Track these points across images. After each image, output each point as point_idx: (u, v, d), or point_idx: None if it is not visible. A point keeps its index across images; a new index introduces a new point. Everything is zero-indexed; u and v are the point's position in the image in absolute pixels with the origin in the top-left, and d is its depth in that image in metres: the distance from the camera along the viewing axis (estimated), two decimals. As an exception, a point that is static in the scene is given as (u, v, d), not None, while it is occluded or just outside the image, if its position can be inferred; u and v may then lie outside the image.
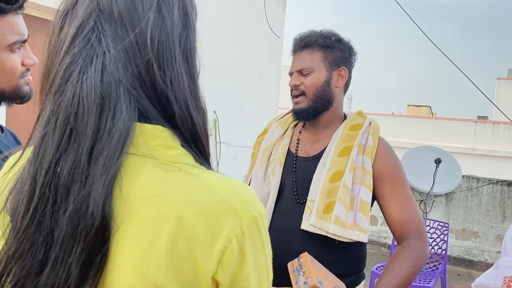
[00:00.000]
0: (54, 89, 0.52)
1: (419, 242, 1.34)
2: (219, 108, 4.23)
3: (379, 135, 1.42)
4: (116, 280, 0.49)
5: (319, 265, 1.25)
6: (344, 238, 1.30)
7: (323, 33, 1.42)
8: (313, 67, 1.39)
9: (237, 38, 4.43)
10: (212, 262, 0.50)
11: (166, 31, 0.55)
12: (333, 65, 1.40)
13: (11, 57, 0.90)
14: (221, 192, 0.52)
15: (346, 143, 1.39)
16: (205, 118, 0.59)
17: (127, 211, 0.50)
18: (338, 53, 1.41)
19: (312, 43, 1.41)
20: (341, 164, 1.36)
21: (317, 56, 1.40)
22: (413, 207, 1.37)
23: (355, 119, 1.45)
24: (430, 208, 4.94)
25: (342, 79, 1.42)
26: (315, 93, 1.39)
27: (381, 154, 1.38)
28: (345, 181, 1.33)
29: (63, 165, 0.49)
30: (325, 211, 1.32)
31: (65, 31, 0.54)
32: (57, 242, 0.49)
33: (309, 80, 1.39)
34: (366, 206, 1.33)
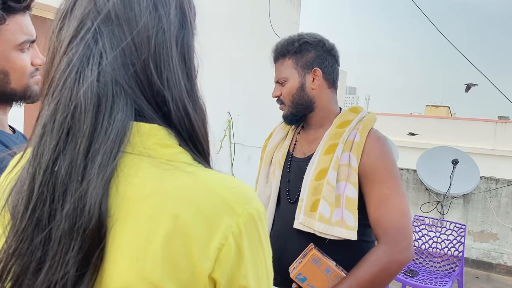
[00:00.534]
0: (53, 90, 0.53)
1: (385, 246, 1.27)
2: (233, 109, 4.25)
3: (369, 130, 1.39)
4: (113, 278, 0.50)
5: (318, 260, 1.26)
6: (330, 235, 1.30)
7: (290, 39, 1.44)
8: (285, 76, 1.42)
9: (251, 39, 4.44)
10: (208, 260, 0.50)
11: (163, 30, 0.55)
12: (305, 68, 1.42)
13: (21, 57, 0.92)
14: (217, 190, 0.52)
15: (331, 141, 1.40)
16: (203, 116, 0.60)
17: (123, 209, 0.50)
18: (309, 55, 1.42)
19: (283, 52, 1.44)
20: (325, 162, 1.37)
21: (288, 64, 1.43)
22: (389, 207, 1.29)
23: (345, 116, 1.44)
24: (447, 210, 4.87)
25: (317, 80, 1.42)
26: (291, 100, 1.43)
27: (367, 151, 1.35)
28: (328, 179, 1.33)
29: (61, 165, 0.50)
30: (311, 209, 1.34)
31: (64, 32, 0.55)
32: (55, 241, 0.49)
33: (285, 89, 1.43)
34: (353, 203, 1.31)
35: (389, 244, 1.27)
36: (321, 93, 1.44)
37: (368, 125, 1.39)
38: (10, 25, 0.89)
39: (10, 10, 0.88)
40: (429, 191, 4.94)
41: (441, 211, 4.79)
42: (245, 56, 4.39)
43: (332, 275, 1.27)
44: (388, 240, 1.27)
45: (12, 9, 0.89)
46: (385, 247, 1.27)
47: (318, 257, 1.27)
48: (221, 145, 4.10)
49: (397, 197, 1.30)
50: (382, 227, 1.29)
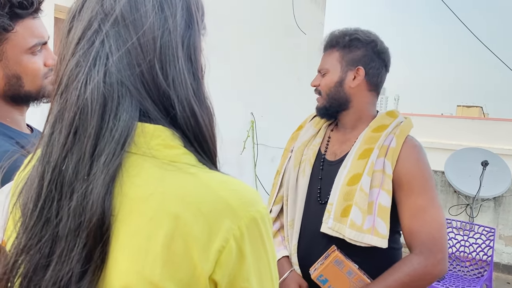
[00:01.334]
0: (61, 90, 0.54)
1: (420, 257, 1.24)
2: (256, 110, 4.25)
3: (406, 136, 1.35)
4: (114, 277, 0.50)
5: (341, 262, 1.25)
6: (360, 242, 1.27)
7: (341, 33, 1.41)
8: (328, 67, 1.40)
9: (275, 40, 4.44)
10: (209, 261, 0.50)
11: (169, 31, 0.56)
12: (350, 64, 1.39)
13: (33, 60, 0.95)
14: (219, 192, 0.52)
15: (367, 145, 1.36)
16: (210, 117, 0.60)
17: (126, 209, 0.51)
18: (356, 52, 1.39)
19: (333, 43, 1.42)
20: (359, 167, 1.33)
21: (334, 56, 1.40)
22: (426, 219, 1.26)
23: (382, 120, 1.41)
24: (477, 213, 4.73)
25: (358, 79, 1.38)
26: (327, 93, 1.40)
27: (403, 158, 1.31)
28: (362, 185, 1.30)
29: (68, 163, 0.51)
30: (342, 215, 1.31)
31: (72, 34, 0.56)
32: (62, 238, 0.51)
33: (324, 80, 1.41)
34: (385, 211, 1.28)
35: (425, 255, 1.23)
36: (359, 93, 1.40)
37: (405, 131, 1.36)
38: (19, 30, 0.92)
39: (18, 16, 0.91)
40: (457, 193, 4.81)
41: (470, 214, 4.65)
42: (268, 56, 4.38)
43: (354, 278, 1.25)
44: (423, 251, 1.24)
45: (19, 15, 0.91)
46: (420, 258, 1.23)
47: (340, 259, 1.25)
48: (244, 146, 4.11)
49: (434, 209, 1.27)
50: (418, 237, 1.26)
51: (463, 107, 21.56)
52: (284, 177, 1.56)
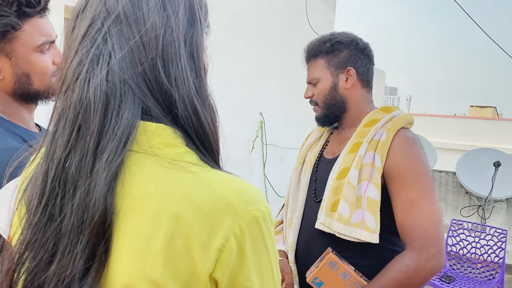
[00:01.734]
0: (65, 88, 0.55)
1: (413, 253, 1.21)
2: (265, 110, 4.25)
3: (398, 129, 1.32)
4: (116, 274, 0.51)
5: (335, 264, 1.24)
6: (349, 237, 1.26)
7: (321, 40, 1.43)
8: (317, 76, 1.41)
9: (284, 39, 4.43)
10: (209, 260, 0.50)
11: (171, 29, 0.56)
12: (338, 68, 1.40)
13: (41, 58, 0.96)
14: (220, 191, 0.52)
15: (356, 139, 1.36)
16: (213, 115, 0.60)
17: (128, 207, 0.52)
18: (341, 55, 1.40)
19: (315, 52, 1.43)
20: (348, 161, 1.34)
21: (320, 64, 1.41)
22: (419, 213, 1.22)
23: (374, 115, 1.40)
24: (489, 214, 4.67)
25: (351, 79, 1.39)
26: (324, 101, 1.41)
27: (393, 151, 1.29)
28: (349, 178, 1.29)
29: (72, 161, 0.52)
30: (331, 209, 1.31)
31: (76, 32, 0.57)
32: (65, 234, 0.51)
33: (317, 90, 1.42)
34: (374, 205, 1.26)
35: (417, 250, 1.20)
36: (354, 93, 1.41)
37: (397, 124, 1.33)
38: (27, 29, 0.93)
39: (26, 14, 0.92)
40: (469, 194, 4.75)
41: (482, 216, 4.59)
42: (278, 56, 4.38)
43: (350, 280, 1.23)
44: (415, 246, 1.21)
45: (27, 13, 0.92)
46: (412, 253, 1.20)
47: (335, 261, 1.24)
48: (253, 146, 4.11)
49: (427, 202, 1.23)
50: (410, 232, 1.22)
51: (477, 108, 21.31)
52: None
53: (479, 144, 10.07)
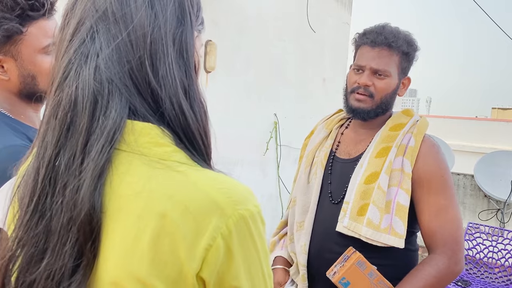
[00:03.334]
0: (55, 87, 0.55)
1: (444, 257, 1.25)
2: (279, 111, 4.24)
3: (424, 135, 1.34)
4: (105, 273, 0.51)
5: (363, 264, 1.23)
6: (376, 242, 1.26)
7: (407, 38, 1.36)
8: (390, 71, 1.34)
9: (299, 40, 4.42)
10: (195, 259, 0.50)
11: (159, 27, 0.56)
12: (403, 73, 1.38)
13: (46, 59, 0.98)
14: (207, 190, 0.52)
15: (384, 143, 1.34)
16: (202, 114, 0.59)
17: (115, 206, 0.52)
18: (409, 62, 1.39)
19: (397, 45, 1.34)
20: (377, 165, 1.32)
21: (395, 60, 1.35)
22: (447, 218, 1.27)
23: (398, 118, 1.40)
24: (508, 218, 4.56)
25: (405, 88, 1.40)
26: (382, 99, 1.35)
27: (422, 156, 1.30)
28: (380, 183, 1.28)
29: (61, 159, 0.52)
30: (358, 213, 1.29)
31: (65, 31, 0.57)
32: (55, 232, 0.52)
33: (382, 84, 1.34)
34: (403, 210, 1.27)
35: (448, 255, 1.25)
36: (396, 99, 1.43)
37: (422, 129, 1.35)
38: (33, 31, 0.95)
39: (30, 17, 0.94)
40: (488, 198, 4.65)
41: (501, 220, 4.49)
42: (292, 57, 4.37)
43: (375, 280, 1.23)
44: (446, 251, 1.25)
45: (32, 16, 0.94)
46: (444, 258, 1.24)
47: (363, 260, 1.24)
48: (267, 147, 4.11)
49: (454, 209, 1.27)
50: (440, 238, 1.26)
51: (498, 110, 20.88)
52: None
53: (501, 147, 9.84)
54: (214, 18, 3.41)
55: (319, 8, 4.55)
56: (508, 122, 13.60)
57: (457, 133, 11.81)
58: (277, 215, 4.40)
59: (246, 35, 3.78)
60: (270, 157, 4.20)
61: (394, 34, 1.34)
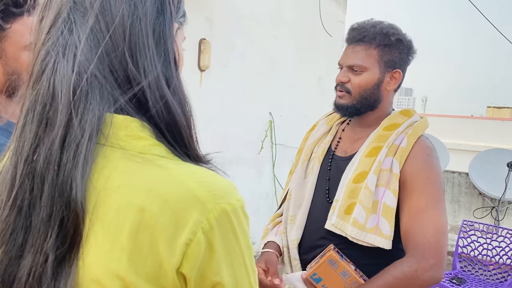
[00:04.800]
0: (33, 81, 0.54)
1: (412, 261, 1.18)
2: (274, 110, 4.24)
3: (419, 136, 1.30)
4: (85, 270, 0.50)
5: (335, 262, 1.23)
6: (362, 241, 1.24)
7: (384, 30, 1.31)
8: (366, 65, 1.30)
9: (293, 39, 4.42)
10: (175, 255, 0.49)
11: (139, 18, 0.55)
12: (388, 66, 1.31)
13: None
14: (188, 184, 0.51)
15: (376, 143, 1.32)
16: (185, 107, 0.58)
17: (94, 201, 0.51)
18: (395, 54, 1.32)
19: (370, 38, 1.30)
20: (366, 165, 1.29)
21: (372, 54, 1.30)
22: (424, 221, 1.20)
23: (394, 118, 1.35)
24: (503, 216, 4.58)
25: (395, 82, 1.33)
26: (361, 94, 1.32)
27: (411, 157, 1.26)
28: (367, 183, 1.26)
29: (39, 154, 0.51)
30: (346, 212, 1.28)
31: (43, 23, 0.56)
32: (34, 228, 0.51)
33: (358, 79, 1.31)
34: (390, 211, 1.24)
35: (416, 258, 1.18)
36: (388, 94, 1.36)
37: (418, 131, 1.31)
38: (17, 28, 0.93)
39: (14, 14, 0.93)
40: (482, 195, 4.67)
41: (496, 217, 4.51)
42: (287, 56, 4.37)
43: (349, 280, 1.22)
44: (416, 254, 1.19)
45: (15, 13, 0.93)
46: (411, 261, 1.19)
47: (335, 259, 1.23)
48: (262, 145, 4.11)
49: (435, 212, 1.21)
50: (412, 240, 1.21)
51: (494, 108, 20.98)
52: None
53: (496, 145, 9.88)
54: (208, 16, 3.40)
55: (314, 7, 4.55)
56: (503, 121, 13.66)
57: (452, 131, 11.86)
58: (272, 213, 4.39)
59: (241, 33, 3.77)
60: (265, 156, 4.20)
61: (366, 28, 1.31)
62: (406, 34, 1.35)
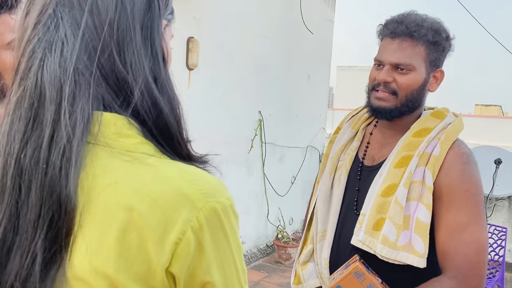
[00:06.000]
0: (19, 78, 0.53)
1: (453, 282, 1.09)
2: (264, 109, 4.23)
3: (453, 142, 1.16)
4: (73, 270, 0.50)
5: (361, 275, 1.14)
6: (393, 260, 1.13)
7: (434, 26, 1.19)
8: (414, 64, 1.17)
9: (283, 37, 4.42)
10: (164, 254, 0.49)
11: (126, 14, 0.54)
12: (433, 65, 1.21)
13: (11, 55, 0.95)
14: (176, 182, 0.51)
15: (405, 152, 1.19)
16: (174, 104, 0.57)
17: (83, 200, 0.50)
18: (440, 52, 1.21)
19: (420, 35, 1.17)
20: (396, 176, 1.17)
21: (420, 52, 1.18)
22: (464, 239, 1.09)
23: (426, 122, 1.22)
24: (491, 212, 4.63)
25: (437, 83, 1.23)
26: (407, 96, 1.19)
27: (446, 168, 1.13)
28: (397, 197, 1.15)
29: (27, 153, 0.50)
30: (374, 228, 1.17)
31: (28, 19, 0.54)
32: (22, 229, 0.50)
33: (406, 79, 1.18)
34: (424, 228, 1.12)
35: (458, 281, 1.09)
36: (427, 95, 1.25)
37: (452, 135, 1.18)
38: None
39: None
40: (471, 192, 4.71)
41: (484, 214, 4.55)
42: (276, 54, 4.37)
43: None
44: (457, 275, 1.09)
45: None
46: (452, 282, 1.09)
47: (361, 271, 1.14)
48: (252, 144, 4.10)
49: (476, 228, 1.10)
50: (452, 259, 1.10)
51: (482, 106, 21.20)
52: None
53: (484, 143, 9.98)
54: (196, 15, 3.38)
55: (303, 6, 4.55)
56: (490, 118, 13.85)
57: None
58: (263, 213, 4.40)
59: (230, 31, 3.76)
60: (255, 155, 4.19)
61: (417, 23, 1.18)
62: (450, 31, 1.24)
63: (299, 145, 4.86)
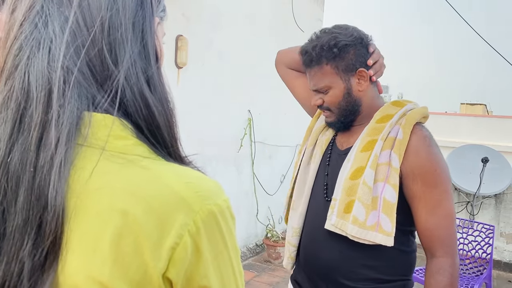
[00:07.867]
0: (5, 77, 0.51)
1: (449, 259, 1.19)
2: (253, 107, 4.22)
3: (413, 125, 1.25)
4: (65, 277, 0.47)
5: None
6: (363, 240, 1.20)
7: (325, 45, 1.27)
8: (328, 84, 1.29)
9: (272, 36, 4.41)
10: (161, 259, 0.47)
11: (118, 11, 0.52)
12: (348, 71, 1.28)
13: None
14: (172, 185, 0.49)
15: (370, 137, 1.28)
16: (166, 105, 0.55)
17: (74, 204, 0.48)
18: (349, 57, 1.27)
19: (318, 59, 1.28)
20: (362, 159, 1.26)
21: (327, 70, 1.28)
22: (444, 214, 1.20)
23: (386, 110, 1.32)
24: (478, 211, 4.68)
25: (364, 80, 1.29)
26: (339, 108, 1.31)
27: (413, 150, 1.22)
28: (365, 179, 1.22)
29: (14, 155, 0.48)
30: (345, 211, 1.24)
31: (15, 16, 0.52)
32: (9, 235, 0.47)
33: (329, 97, 1.31)
34: (390, 207, 1.20)
35: (450, 254, 1.19)
36: (366, 92, 1.32)
37: (412, 120, 1.26)
38: None
39: None
40: (458, 191, 4.76)
41: (471, 212, 4.60)
42: (266, 53, 4.36)
43: None
44: (448, 251, 1.20)
45: None
46: (449, 259, 1.19)
47: None
48: (242, 143, 4.08)
49: (448, 203, 1.21)
50: (437, 237, 1.20)
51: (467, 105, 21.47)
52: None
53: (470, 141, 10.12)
54: (185, 13, 3.35)
55: (293, 5, 4.54)
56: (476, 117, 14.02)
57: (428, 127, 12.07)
58: (253, 211, 4.38)
59: (219, 30, 3.73)
60: (245, 154, 4.18)
61: (309, 52, 1.29)
62: (352, 28, 1.30)
63: (289, 144, 4.86)
